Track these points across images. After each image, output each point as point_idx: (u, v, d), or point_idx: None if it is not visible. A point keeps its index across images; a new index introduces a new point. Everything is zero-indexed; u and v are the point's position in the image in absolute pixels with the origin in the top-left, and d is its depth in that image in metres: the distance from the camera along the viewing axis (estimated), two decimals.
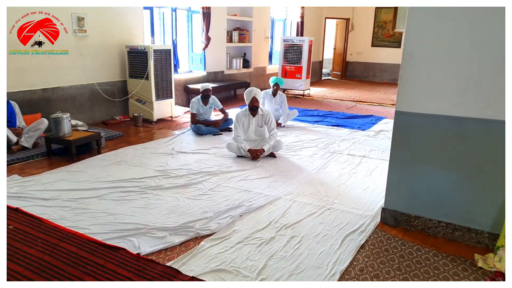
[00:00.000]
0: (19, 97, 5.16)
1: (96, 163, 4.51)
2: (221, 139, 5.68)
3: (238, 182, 4.04)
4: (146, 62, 6.27)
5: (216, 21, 8.50)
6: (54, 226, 3.02)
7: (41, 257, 2.60)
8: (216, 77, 9.12)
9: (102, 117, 6.47)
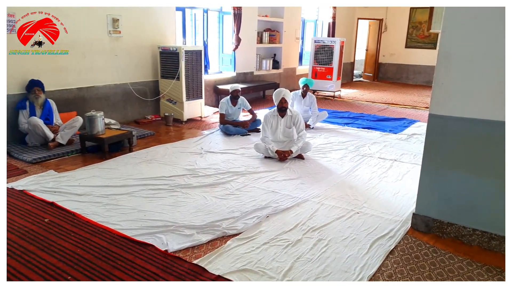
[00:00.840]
0: (56, 95, 5.37)
1: (127, 160, 4.63)
2: (249, 140, 5.69)
3: (265, 183, 4.04)
4: (178, 62, 6.37)
5: (246, 22, 8.54)
6: (86, 221, 3.12)
7: (74, 250, 2.69)
8: (246, 78, 9.16)
9: (134, 116, 6.64)
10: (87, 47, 5.71)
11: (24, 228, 2.98)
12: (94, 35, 5.77)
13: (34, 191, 3.64)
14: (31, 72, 5.06)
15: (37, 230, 2.95)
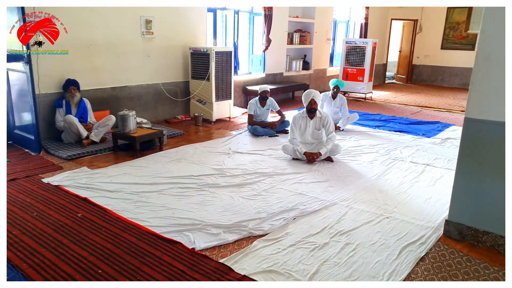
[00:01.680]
0: (90, 94, 5.55)
1: (157, 159, 4.72)
2: (277, 141, 5.67)
3: (292, 184, 4.01)
4: (208, 63, 6.44)
5: (277, 23, 8.53)
6: (117, 217, 3.20)
7: (104, 245, 2.77)
8: (275, 79, 9.14)
9: (165, 115, 6.76)
10: (121, 48, 5.88)
11: (58, 222, 3.09)
12: (128, 36, 5.93)
13: (68, 187, 3.77)
14: (68, 71, 5.25)
15: (71, 224, 3.05)
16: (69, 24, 5.17)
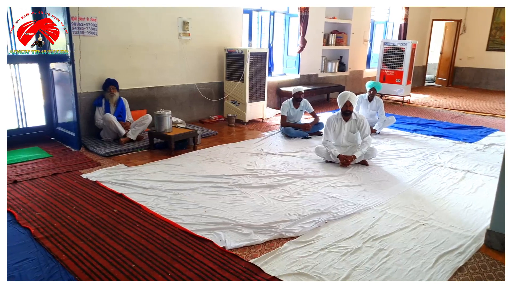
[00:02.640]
0: (129, 94, 5.73)
1: (191, 158, 4.79)
2: (310, 143, 5.61)
3: (325, 187, 3.95)
4: (243, 64, 6.48)
5: (313, 24, 8.46)
6: (151, 213, 3.27)
7: (138, 240, 2.84)
8: (310, 80, 9.07)
9: (199, 115, 6.86)
10: (159, 49, 6.03)
11: (96, 216, 3.20)
12: (165, 38, 6.07)
13: (106, 183, 3.90)
14: (108, 71, 5.45)
15: (107, 219, 3.15)
16: (110, 25, 5.38)
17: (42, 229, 2.97)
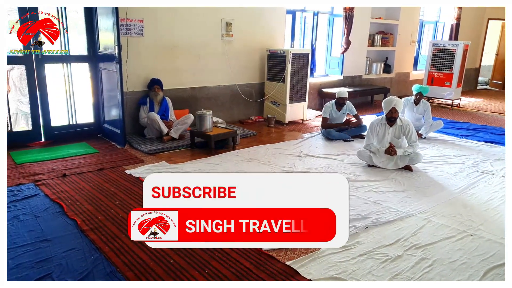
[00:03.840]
0: (172, 94, 5.87)
1: (230, 158, 4.83)
2: (351, 146, 5.48)
3: (366, 192, 3.83)
4: (284, 65, 6.46)
5: (358, 25, 8.27)
6: None
7: None
8: (353, 81, 8.87)
9: (239, 116, 6.91)
10: (202, 49, 6.14)
11: None
12: (208, 39, 6.18)
13: None
14: (152, 71, 5.62)
15: None
16: (156, 27, 5.56)
17: (87, 221, 3.10)
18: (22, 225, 3.02)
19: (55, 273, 2.43)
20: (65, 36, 5.12)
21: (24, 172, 4.11)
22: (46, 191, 3.64)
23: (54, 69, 5.39)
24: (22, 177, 3.96)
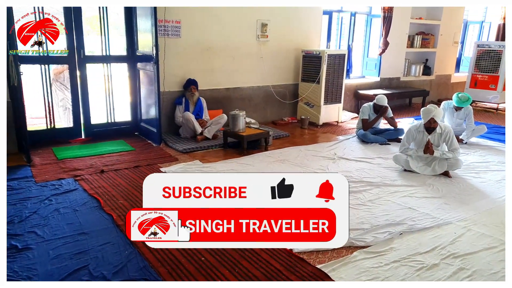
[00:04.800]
0: (207, 94, 5.95)
1: (262, 158, 4.82)
2: (388, 150, 5.33)
3: (402, 197, 3.71)
4: (319, 66, 6.38)
5: (397, 25, 8.04)
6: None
7: None
8: (390, 83, 8.64)
9: (272, 117, 6.89)
10: (237, 50, 6.19)
11: None
12: (243, 40, 6.21)
13: None
14: (188, 72, 5.72)
15: None
16: (192, 28, 5.65)
17: (123, 216, 3.19)
18: (62, 218, 3.15)
19: (92, 265, 2.51)
20: (104, 38, 5.31)
21: (65, 167, 4.30)
22: (85, 186, 3.79)
23: (95, 69, 5.61)
24: (63, 172, 4.14)
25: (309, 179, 2.00)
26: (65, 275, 2.41)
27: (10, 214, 3.16)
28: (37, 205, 3.35)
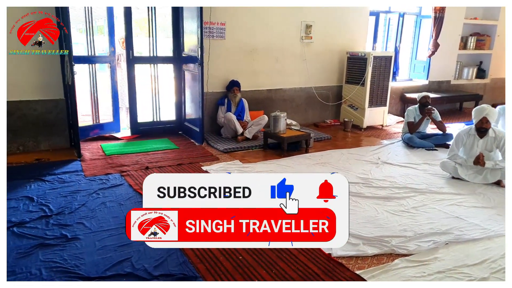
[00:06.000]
0: (249, 95, 5.99)
1: (302, 160, 4.78)
2: (435, 155, 5.09)
3: (449, 206, 3.53)
4: (365, 68, 6.24)
5: (449, 26, 7.68)
6: None
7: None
8: (440, 87, 8.26)
9: (314, 119, 6.82)
10: (280, 52, 6.18)
11: None
12: (287, 41, 6.20)
13: None
14: (231, 73, 5.79)
15: None
16: (237, 30, 5.74)
17: None
18: (108, 211, 3.30)
19: (134, 258, 2.60)
20: (151, 41, 5.52)
21: (112, 163, 4.49)
22: (130, 182, 3.94)
23: (143, 69, 5.82)
24: (110, 167, 4.33)
25: (309, 179, 2.00)
26: (109, 266, 2.52)
27: (61, 205, 3.36)
28: (86, 198, 3.52)
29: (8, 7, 3.80)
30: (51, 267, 2.49)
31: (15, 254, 2.62)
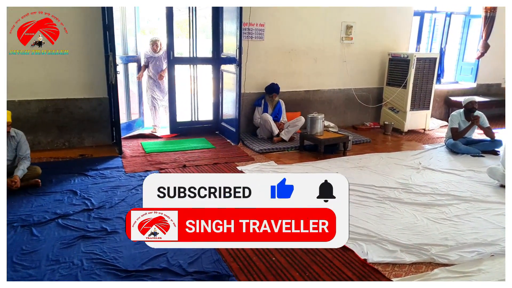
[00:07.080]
0: (286, 96, 5.96)
1: (339, 164, 4.69)
2: (481, 162, 4.83)
3: (495, 216, 3.34)
4: (407, 70, 6.04)
5: (500, 26, 7.24)
6: None
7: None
8: (489, 90, 7.85)
9: (353, 121, 6.68)
10: (319, 53, 6.11)
11: None
12: (327, 42, 6.12)
13: None
14: (269, 74, 5.80)
15: None
16: (276, 31, 5.74)
17: None
18: None
19: (170, 254, 2.65)
20: (191, 42, 5.64)
21: (152, 160, 4.61)
22: None
23: (183, 70, 5.94)
24: (149, 165, 4.46)
25: (309, 179, 1.99)
26: (146, 260, 2.58)
27: (102, 199, 3.49)
28: (125, 194, 3.64)
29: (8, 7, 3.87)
30: (91, 259, 2.59)
31: (59, 245, 2.76)
